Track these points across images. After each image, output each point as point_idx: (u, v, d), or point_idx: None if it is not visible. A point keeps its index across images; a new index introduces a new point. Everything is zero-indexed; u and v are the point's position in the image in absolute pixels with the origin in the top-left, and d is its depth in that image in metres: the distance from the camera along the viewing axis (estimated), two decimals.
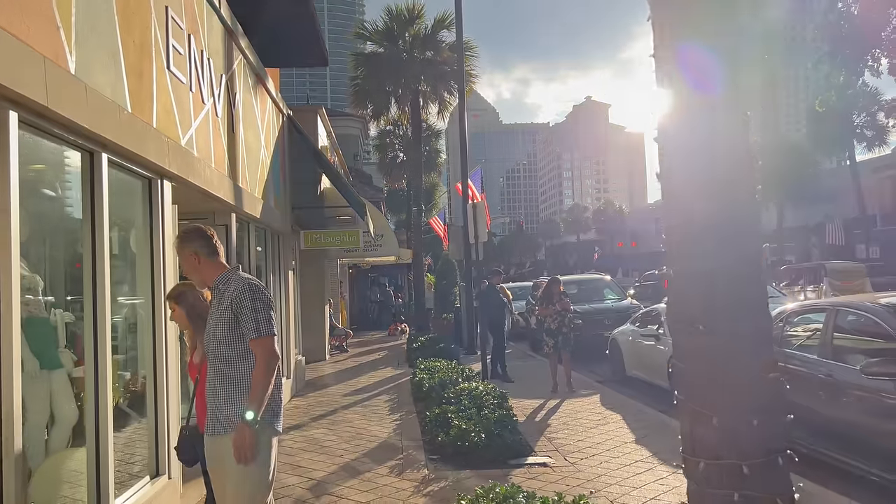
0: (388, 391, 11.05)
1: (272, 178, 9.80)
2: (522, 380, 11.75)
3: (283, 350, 10.57)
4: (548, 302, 10.60)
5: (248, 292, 3.30)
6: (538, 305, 10.77)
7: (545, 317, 10.59)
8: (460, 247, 16.22)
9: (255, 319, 3.26)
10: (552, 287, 10.68)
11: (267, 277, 9.63)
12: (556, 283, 10.81)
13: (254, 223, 8.66)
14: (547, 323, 10.53)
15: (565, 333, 10.47)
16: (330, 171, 11.54)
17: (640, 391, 10.50)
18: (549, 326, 10.49)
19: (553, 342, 10.45)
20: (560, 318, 10.47)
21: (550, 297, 10.60)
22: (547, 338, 10.56)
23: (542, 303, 10.68)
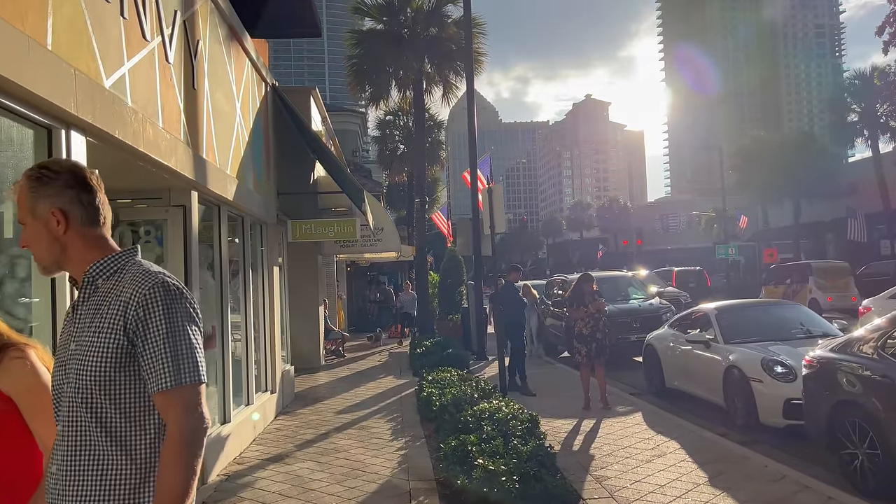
0: (389, 407, 9.47)
1: (251, 156, 8.23)
2: (544, 392, 10.18)
3: (266, 360, 9.00)
4: (579, 303, 9.00)
5: (160, 299, 1.77)
6: (566, 307, 9.14)
7: (576, 320, 9.02)
8: (469, 241, 14.66)
9: (172, 353, 1.73)
10: (583, 285, 9.09)
11: (244, 274, 8.06)
12: (587, 280, 9.20)
13: (226, 207, 7.08)
14: (578, 327, 8.94)
15: (600, 340, 8.89)
16: (321, 150, 9.96)
17: (686, 407, 8.93)
18: (581, 331, 8.90)
19: (586, 350, 8.86)
20: (594, 321, 8.89)
21: (581, 296, 9.00)
22: (578, 345, 8.97)
23: (571, 304, 9.09)
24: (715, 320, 8.99)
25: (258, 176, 8.55)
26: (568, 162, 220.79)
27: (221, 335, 7.00)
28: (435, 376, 9.68)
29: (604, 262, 59.23)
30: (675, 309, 13.69)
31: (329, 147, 15.38)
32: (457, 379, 9.41)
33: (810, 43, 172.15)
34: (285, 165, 10.51)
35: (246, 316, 8.06)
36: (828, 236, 38.49)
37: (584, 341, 8.90)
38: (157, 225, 5.87)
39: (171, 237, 5.67)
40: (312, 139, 9.67)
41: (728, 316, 9.11)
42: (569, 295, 9.16)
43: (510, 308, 10.15)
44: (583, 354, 8.90)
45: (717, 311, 9.20)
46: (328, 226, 9.81)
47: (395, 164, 27.32)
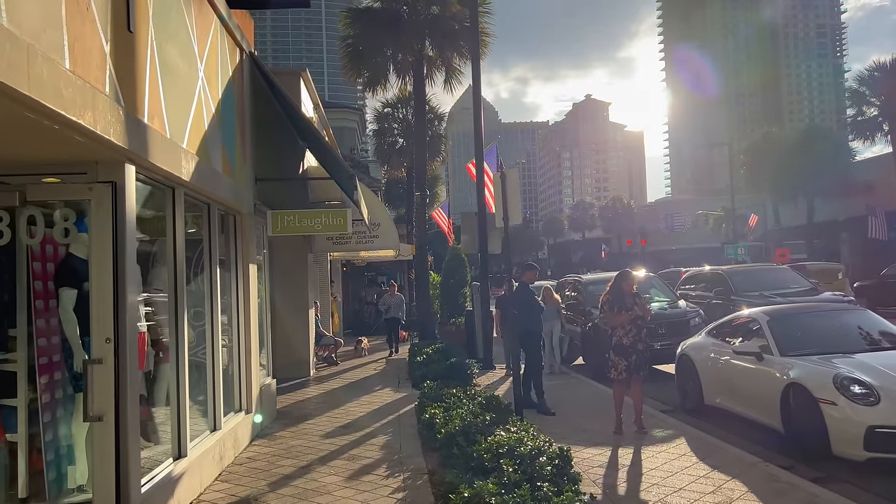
0: (386, 429, 8.12)
1: (220, 133, 6.88)
2: (564, 409, 8.84)
3: (240, 374, 7.66)
4: (619, 305, 7.48)
5: None
6: (603, 311, 7.68)
7: (614, 328, 7.53)
8: (475, 237, 13.33)
9: None
10: (622, 284, 7.56)
11: (210, 273, 6.70)
12: (626, 278, 7.61)
13: (183, 190, 5.74)
14: (617, 336, 7.49)
15: (641, 352, 7.47)
16: (303, 128, 8.61)
17: (733, 429, 7.60)
18: (621, 341, 7.43)
19: (625, 364, 7.42)
20: (636, 329, 7.43)
21: (621, 298, 7.49)
22: (616, 357, 7.47)
23: (611, 308, 7.55)
24: (767, 328, 7.65)
25: (229, 157, 7.20)
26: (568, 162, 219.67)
27: (176, 347, 5.67)
28: (438, 391, 8.35)
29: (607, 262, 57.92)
30: (703, 313, 12.34)
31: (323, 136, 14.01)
32: (464, 395, 8.09)
33: (811, 43, 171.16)
34: (267, 149, 9.16)
35: (213, 322, 6.72)
36: (842, 235, 37.12)
37: (624, 353, 7.40)
38: (80, 207, 4.53)
39: (96, 223, 4.33)
40: (294, 114, 8.31)
41: (783, 323, 7.77)
42: (605, 297, 7.71)
43: (526, 313, 8.77)
44: (620, 369, 7.43)
45: (769, 318, 7.84)
46: (315, 217, 8.43)
47: (394, 159, 25.90)
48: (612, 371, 7.54)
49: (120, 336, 4.32)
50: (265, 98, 8.93)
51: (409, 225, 25.52)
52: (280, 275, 12.85)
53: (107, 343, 4.25)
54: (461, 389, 8.50)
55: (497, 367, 13.03)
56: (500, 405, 7.69)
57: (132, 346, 4.47)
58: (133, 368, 4.48)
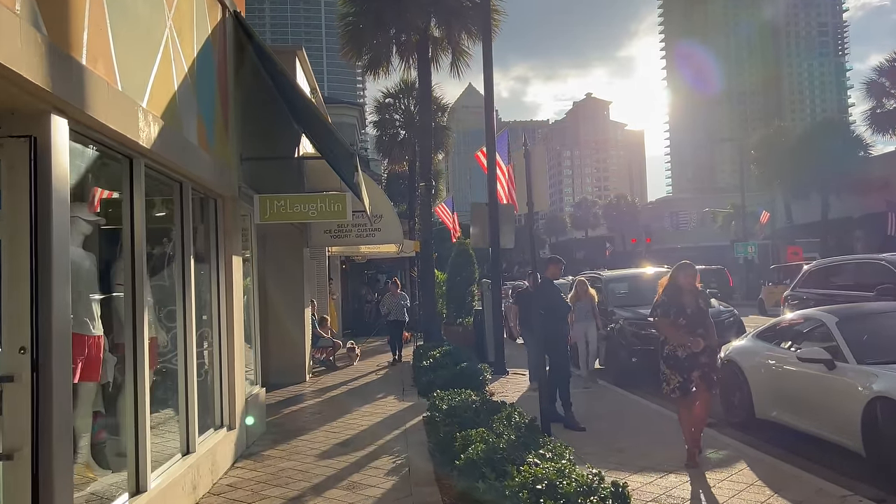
0: (391, 447, 7.01)
1: (195, 98, 5.78)
2: (591, 423, 7.75)
3: (222, 384, 6.56)
4: (677, 309, 5.97)
5: None
6: (653, 315, 6.26)
7: (671, 336, 6.02)
8: (485, 230, 12.25)
9: None
10: (680, 278, 6.08)
11: (183, 266, 5.60)
12: (686, 271, 6.09)
13: (142, 160, 4.63)
14: (671, 346, 6.04)
15: (705, 365, 5.97)
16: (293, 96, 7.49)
17: (795, 448, 6.51)
18: (674, 352, 5.98)
19: (681, 380, 5.93)
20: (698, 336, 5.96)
21: (679, 297, 6.03)
22: (669, 371, 6.01)
23: (665, 311, 6.06)
24: (837, 331, 6.54)
25: (207, 128, 6.10)
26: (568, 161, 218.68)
27: (134, 354, 4.57)
28: (451, 403, 7.24)
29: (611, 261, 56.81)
30: (737, 313, 11.24)
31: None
32: (481, 408, 6.98)
33: (813, 41, 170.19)
34: (256, 126, 8.06)
35: (186, 324, 5.62)
36: (856, 233, 36.03)
37: (679, 367, 5.93)
38: None
39: (9, 192, 3.22)
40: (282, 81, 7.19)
41: (855, 326, 6.65)
42: (660, 297, 6.23)
43: (551, 313, 7.64)
44: (672, 386, 6.01)
45: (837, 319, 6.74)
46: (309, 202, 7.28)
47: (396, 152, 24.84)
48: (664, 387, 6.13)
49: (41, 345, 3.22)
50: (254, 67, 7.84)
51: (410, 221, 24.43)
52: (274, 271, 11.78)
53: (21, 353, 3.15)
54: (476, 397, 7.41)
55: (510, 371, 11.94)
56: (522, 420, 6.61)
57: (61, 357, 3.36)
58: (62, 387, 3.38)
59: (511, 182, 13.82)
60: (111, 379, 4.95)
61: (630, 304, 11.72)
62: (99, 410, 5.05)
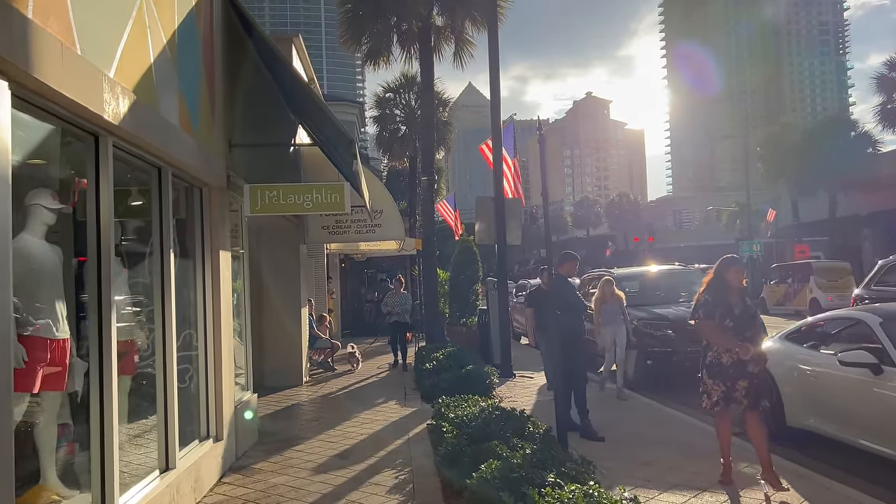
0: (393, 459, 6.43)
1: (176, 74, 5.20)
2: (610, 432, 7.16)
3: (207, 392, 5.99)
4: (721, 309, 5.27)
5: None
6: (695, 316, 5.49)
7: (716, 340, 5.27)
8: (491, 226, 11.68)
9: None
10: (726, 274, 5.36)
11: (162, 260, 5.02)
12: (733, 266, 5.41)
13: (110, 138, 4.06)
14: (714, 352, 5.30)
15: (753, 376, 5.22)
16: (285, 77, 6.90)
17: (833, 461, 5.95)
18: (717, 359, 5.26)
19: (723, 390, 5.23)
20: (744, 340, 5.23)
21: (724, 296, 5.33)
22: (711, 381, 5.29)
23: (710, 312, 5.32)
24: (882, 333, 5.95)
25: (190, 109, 5.52)
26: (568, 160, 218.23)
27: (99, 358, 4.01)
28: (458, 412, 6.66)
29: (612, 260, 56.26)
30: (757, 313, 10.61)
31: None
32: (491, 416, 6.43)
33: (814, 40, 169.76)
34: (248, 110, 7.47)
35: (164, 325, 5.04)
36: (864, 231, 35.43)
37: (724, 376, 5.23)
38: None
39: None
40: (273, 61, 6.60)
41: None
42: (702, 296, 5.42)
43: (567, 312, 7.04)
44: (715, 398, 5.28)
45: (882, 320, 6.15)
46: (304, 193, 6.66)
47: (396, 147, 24.25)
48: (703, 399, 5.41)
49: None
50: (245, 47, 7.26)
51: (411, 218, 23.87)
52: (269, 268, 11.23)
53: None
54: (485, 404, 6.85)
55: (517, 374, 11.37)
56: (537, 429, 6.05)
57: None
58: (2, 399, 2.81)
59: (517, 176, 13.26)
60: (80, 388, 4.39)
61: (643, 303, 11.16)
62: (66, 423, 4.50)
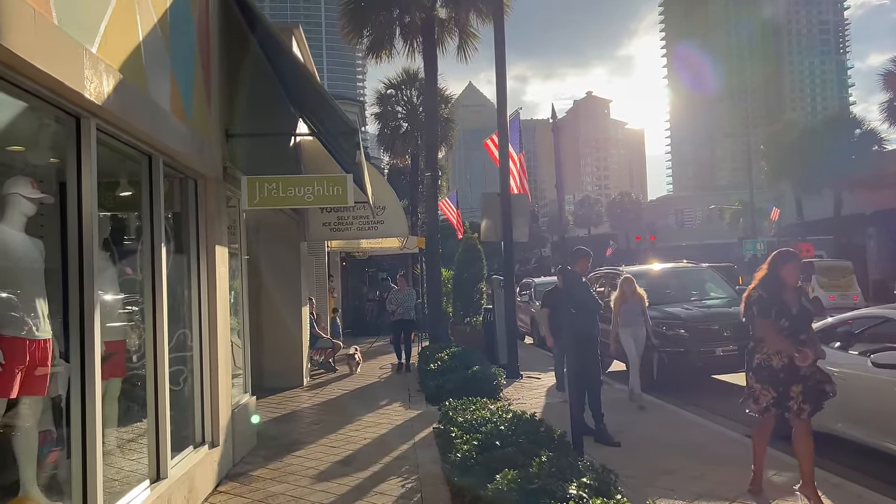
0: (398, 466, 6.10)
1: (169, 56, 4.86)
2: (625, 437, 6.83)
3: (202, 395, 5.67)
4: (777, 308, 4.71)
5: None
6: (747, 314, 4.88)
7: (774, 342, 4.70)
8: (497, 223, 11.35)
9: None
10: (780, 271, 4.80)
11: (153, 256, 4.69)
12: (790, 261, 4.82)
13: (93, 120, 3.72)
14: (762, 353, 4.77)
15: (808, 378, 4.68)
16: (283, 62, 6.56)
17: (862, 467, 5.61)
18: (768, 361, 4.72)
19: (775, 397, 4.70)
20: (798, 342, 4.69)
21: (780, 291, 4.78)
22: (760, 385, 4.76)
23: (765, 311, 4.74)
24: None
25: (183, 94, 5.18)
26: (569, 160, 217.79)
27: (81, 360, 3.68)
28: (466, 416, 6.34)
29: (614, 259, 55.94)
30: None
31: None
32: (503, 420, 6.11)
33: (814, 40, 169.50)
34: (246, 98, 7.13)
35: (156, 325, 4.71)
36: (869, 230, 35.10)
37: (775, 380, 4.69)
38: None
39: None
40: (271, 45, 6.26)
41: None
42: (754, 291, 4.85)
43: (582, 312, 6.71)
44: (764, 404, 4.76)
45: None
46: (304, 185, 6.31)
47: (398, 145, 23.92)
48: (750, 404, 4.90)
49: None
50: (244, 32, 6.93)
51: (413, 216, 23.57)
52: (268, 266, 10.89)
53: None
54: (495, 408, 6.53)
55: (524, 374, 11.04)
56: (552, 435, 5.72)
57: None
58: None
59: (523, 172, 12.92)
60: (63, 392, 4.06)
61: (653, 302, 10.80)
62: (49, 429, 4.17)
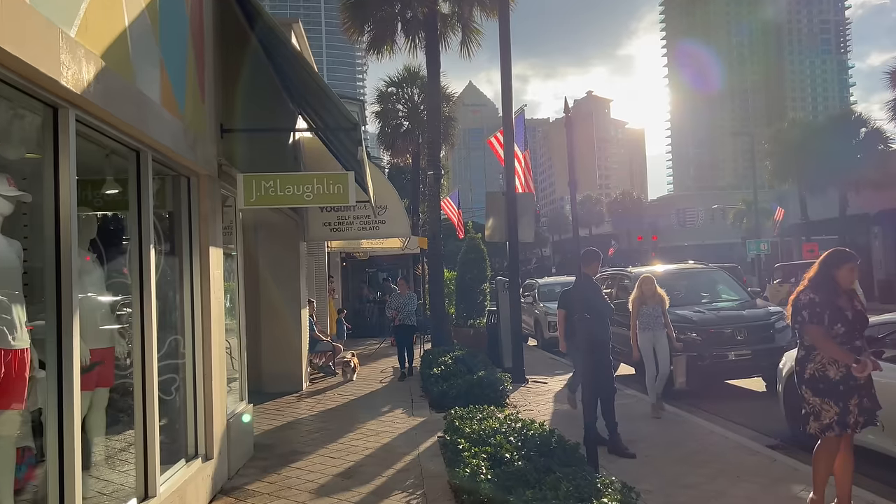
0: (402, 479, 5.78)
1: (158, 45, 4.56)
2: (638, 446, 6.53)
3: (195, 405, 5.36)
4: (831, 312, 4.23)
5: None
6: (797, 320, 4.35)
7: (829, 351, 4.23)
8: (503, 223, 11.05)
9: None
10: (839, 271, 4.32)
11: (141, 257, 4.38)
12: (848, 262, 4.35)
13: (72, 111, 3.42)
14: (815, 363, 4.29)
15: (864, 388, 4.27)
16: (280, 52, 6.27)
17: None
18: (824, 372, 4.24)
19: (838, 410, 4.19)
20: (856, 354, 4.25)
21: (834, 294, 4.30)
22: (820, 399, 4.25)
23: (814, 315, 4.26)
24: None
25: (176, 87, 4.87)
26: None
27: (58, 371, 3.37)
28: (474, 426, 6.04)
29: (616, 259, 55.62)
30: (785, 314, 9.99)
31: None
32: (512, 430, 5.83)
33: (815, 39, 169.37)
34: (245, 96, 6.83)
35: (143, 331, 4.40)
36: (873, 230, 34.80)
37: (834, 393, 4.20)
38: None
39: None
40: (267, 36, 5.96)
41: None
42: (804, 294, 4.36)
43: (594, 315, 6.39)
44: (827, 421, 4.22)
45: None
46: (304, 182, 5.98)
47: (399, 143, 23.62)
48: (810, 422, 4.33)
49: None
50: (240, 24, 6.63)
51: (414, 216, 23.26)
52: (267, 267, 10.61)
53: None
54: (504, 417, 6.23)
55: (529, 379, 10.73)
56: (565, 447, 5.43)
57: None
58: None
59: (528, 170, 12.62)
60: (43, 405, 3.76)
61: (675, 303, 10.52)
62: (28, 446, 3.88)
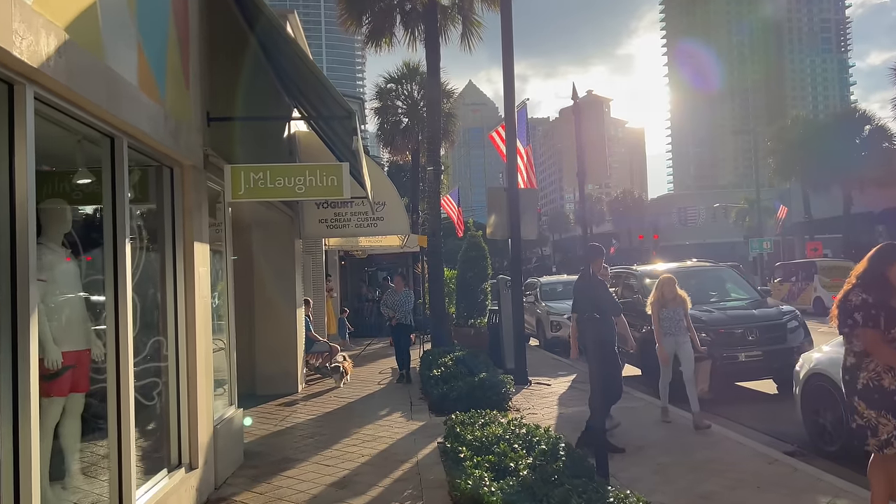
0: (400, 490, 5.44)
1: (135, 22, 4.22)
2: (645, 451, 6.18)
3: (179, 411, 5.02)
4: (886, 313, 3.78)
5: None
6: (846, 323, 3.89)
7: (885, 356, 3.79)
8: (505, 219, 10.71)
9: None
10: (887, 269, 3.89)
11: (115, 253, 4.04)
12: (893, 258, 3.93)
13: (31, 88, 3.07)
14: (870, 372, 3.83)
15: None
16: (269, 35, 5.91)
17: None
18: (879, 382, 3.79)
19: (894, 423, 3.75)
20: None
21: (887, 294, 3.85)
22: (881, 414, 3.78)
23: (868, 317, 3.79)
24: None
25: (155, 69, 4.53)
26: None
27: (13, 376, 3.02)
28: (475, 433, 5.71)
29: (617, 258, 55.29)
30: (800, 314, 9.65)
31: None
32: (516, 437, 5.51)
33: (815, 38, 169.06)
34: (235, 83, 6.49)
35: (118, 332, 4.06)
36: (878, 228, 34.50)
37: (890, 404, 3.77)
38: None
39: None
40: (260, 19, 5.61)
41: None
42: (853, 295, 3.91)
43: (602, 315, 6.03)
44: (886, 436, 3.77)
45: None
46: (296, 174, 5.59)
47: (398, 140, 23.27)
48: (869, 438, 3.87)
49: None
50: (229, 5, 6.29)
51: (414, 214, 22.91)
52: (261, 266, 10.27)
53: None
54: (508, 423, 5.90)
55: (532, 381, 10.39)
56: (573, 455, 5.11)
57: None
58: None
59: (530, 165, 12.28)
60: None
61: None
62: None
